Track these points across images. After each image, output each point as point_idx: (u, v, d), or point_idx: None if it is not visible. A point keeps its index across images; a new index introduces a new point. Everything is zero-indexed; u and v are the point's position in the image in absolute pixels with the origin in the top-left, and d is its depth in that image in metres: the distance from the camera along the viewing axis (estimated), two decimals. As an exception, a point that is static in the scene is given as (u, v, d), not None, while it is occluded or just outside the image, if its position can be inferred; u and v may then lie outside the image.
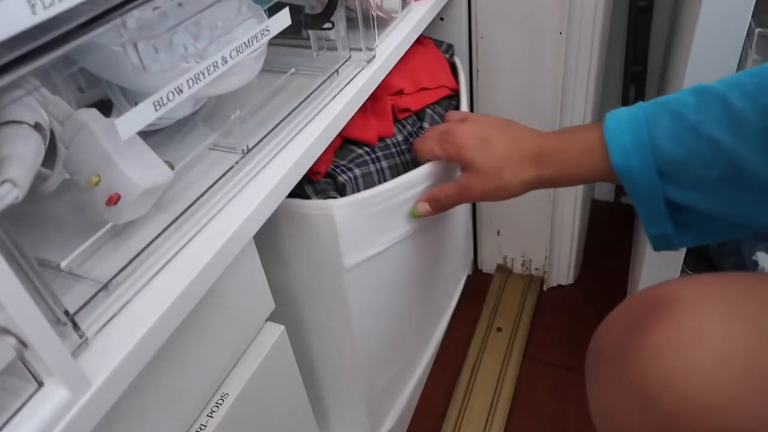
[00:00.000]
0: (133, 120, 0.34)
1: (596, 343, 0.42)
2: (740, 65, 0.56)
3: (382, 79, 0.59)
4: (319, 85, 0.52)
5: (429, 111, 0.67)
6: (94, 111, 0.37)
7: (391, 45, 0.61)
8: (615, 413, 0.38)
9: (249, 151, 0.45)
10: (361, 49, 0.58)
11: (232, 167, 0.44)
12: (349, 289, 0.57)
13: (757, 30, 0.54)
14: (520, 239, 1.03)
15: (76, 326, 0.31)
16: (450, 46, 0.78)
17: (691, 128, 0.42)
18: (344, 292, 0.57)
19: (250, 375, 0.50)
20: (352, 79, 0.55)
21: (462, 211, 0.80)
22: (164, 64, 0.36)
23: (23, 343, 0.26)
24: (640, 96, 1.06)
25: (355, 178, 0.56)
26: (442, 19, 0.82)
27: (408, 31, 0.65)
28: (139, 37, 0.33)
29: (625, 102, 1.07)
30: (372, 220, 0.56)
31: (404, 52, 0.64)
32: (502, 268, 1.09)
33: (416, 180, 0.59)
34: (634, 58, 1.02)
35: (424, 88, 0.68)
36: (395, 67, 0.63)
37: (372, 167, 0.58)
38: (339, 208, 0.53)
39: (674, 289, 0.38)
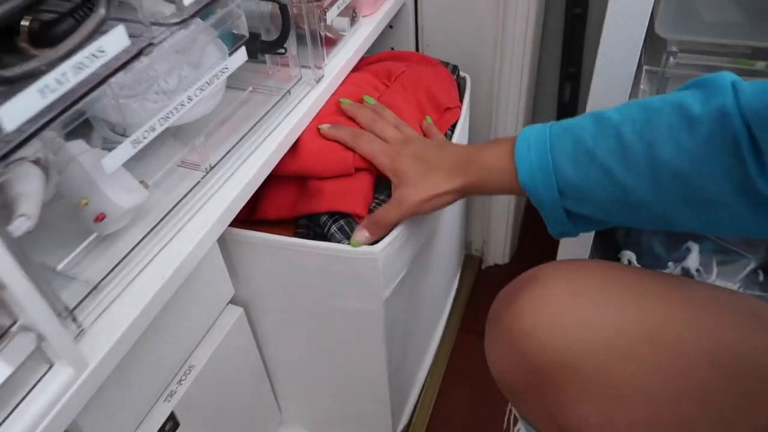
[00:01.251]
0: (116, 157, 0.42)
1: (490, 311, 0.54)
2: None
3: (329, 96, 0.67)
4: (273, 106, 0.61)
5: (449, 132, 0.70)
6: (81, 143, 0.46)
7: (339, 63, 0.69)
8: (496, 359, 0.52)
9: (211, 168, 0.54)
10: (308, 66, 0.66)
11: (198, 182, 0.53)
12: (386, 315, 0.64)
13: (645, 67, 0.64)
14: (463, 222, 1.14)
15: (74, 319, 0.41)
16: (455, 67, 0.80)
17: (589, 154, 0.49)
18: (381, 319, 0.64)
19: (213, 349, 0.61)
20: (302, 99, 0.64)
21: (456, 208, 0.88)
22: (139, 107, 0.45)
23: (40, 336, 0.36)
24: (575, 93, 1.17)
25: None
26: (390, 26, 0.90)
27: (357, 48, 0.73)
28: (120, 95, 0.41)
29: (561, 99, 1.18)
30: (403, 249, 0.62)
31: (351, 68, 0.72)
32: (447, 247, 1.20)
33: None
34: (569, 60, 1.12)
35: (448, 108, 0.72)
36: (416, 92, 0.70)
37: None
38: (381, 251, 0.58)
39: (540, 270, 0.51)
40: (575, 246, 0.88)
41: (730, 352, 0.44)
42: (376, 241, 0.58)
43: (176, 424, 0.58)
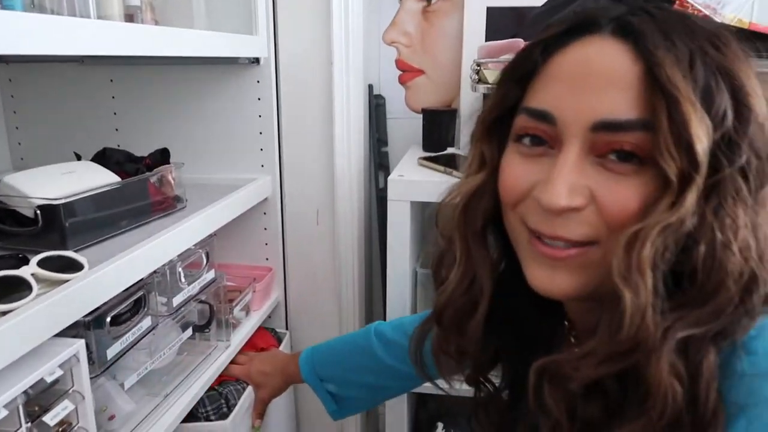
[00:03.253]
0: (127, 383, 0.83)
1: None
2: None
3: (231, 357, 1.11)
4: (199, 363, 1.04)
5: None
6: (114, 384, 0.85)
7: (239, 336, 1.15)
8: None
9: (166, 396, 0.93)
10: (222, 340, 1.11)
11: (159, 404, 0.91)
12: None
13: (419, 270, 1.17)
14: None
15: None
16: (277, 333, 1.35)
17: (330, 360, 1.00)
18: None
19: None
20: (217, 358, 1.07)
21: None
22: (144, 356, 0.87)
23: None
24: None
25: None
26: (269, 317, 1.39)
27: (249, 328, 1.20)
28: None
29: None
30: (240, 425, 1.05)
31: (248, 339, 1.18)
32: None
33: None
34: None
35: (262, 348, 1.22)
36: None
37: None
38: (229, 422, 1.02)
39: None
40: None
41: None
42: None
43: None
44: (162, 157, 1.04)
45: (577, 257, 0.50)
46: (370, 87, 1.45)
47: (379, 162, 1.48)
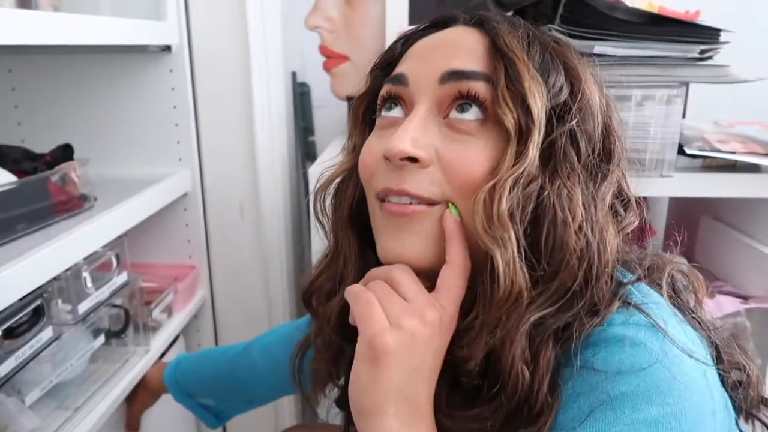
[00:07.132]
0: (28, 400, 0.76)
1: None
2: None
3: (151, 363, 1.06)
4: (115, 371, 0.98)
5: None
6: (14, 401, 0.78)
7: (161, 340, 1.10)
8: None
9: (77, 409, 0.87)
10: (141, 345, 1.05)
11: (65, 420, 0.85)
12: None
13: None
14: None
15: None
16: None
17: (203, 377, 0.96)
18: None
19: None
20: (135, 365, 1.01)
21: None
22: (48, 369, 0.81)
23: None
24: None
25: None
26: (196, 316, 1.34)
27: (173, 330, 1.14)
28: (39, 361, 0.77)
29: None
30: None
31: (168, 345, 1.12)
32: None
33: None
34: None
35: None
36: None
37: None
38: None
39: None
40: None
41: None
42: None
43: None
44: (65, 153, 0.97)
45: (425, 216, 0.50)
46: (294, 74, 1.40)
47: (306, 152, 1.45)
